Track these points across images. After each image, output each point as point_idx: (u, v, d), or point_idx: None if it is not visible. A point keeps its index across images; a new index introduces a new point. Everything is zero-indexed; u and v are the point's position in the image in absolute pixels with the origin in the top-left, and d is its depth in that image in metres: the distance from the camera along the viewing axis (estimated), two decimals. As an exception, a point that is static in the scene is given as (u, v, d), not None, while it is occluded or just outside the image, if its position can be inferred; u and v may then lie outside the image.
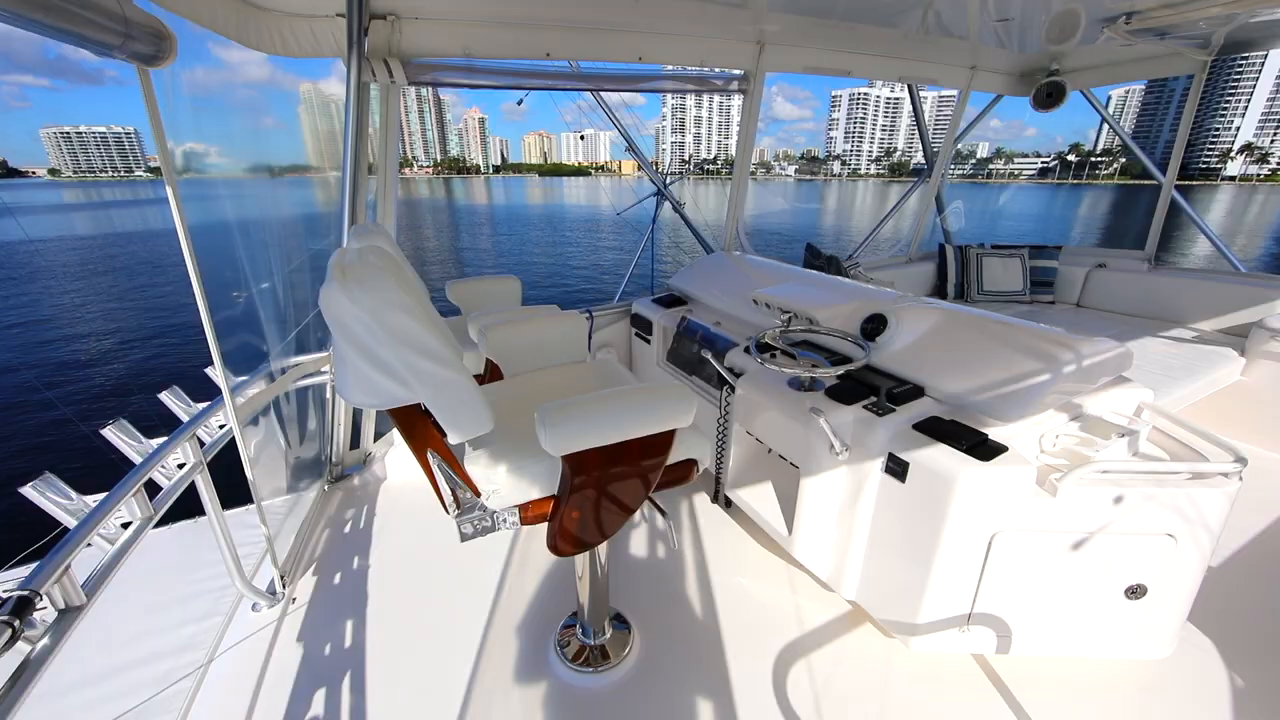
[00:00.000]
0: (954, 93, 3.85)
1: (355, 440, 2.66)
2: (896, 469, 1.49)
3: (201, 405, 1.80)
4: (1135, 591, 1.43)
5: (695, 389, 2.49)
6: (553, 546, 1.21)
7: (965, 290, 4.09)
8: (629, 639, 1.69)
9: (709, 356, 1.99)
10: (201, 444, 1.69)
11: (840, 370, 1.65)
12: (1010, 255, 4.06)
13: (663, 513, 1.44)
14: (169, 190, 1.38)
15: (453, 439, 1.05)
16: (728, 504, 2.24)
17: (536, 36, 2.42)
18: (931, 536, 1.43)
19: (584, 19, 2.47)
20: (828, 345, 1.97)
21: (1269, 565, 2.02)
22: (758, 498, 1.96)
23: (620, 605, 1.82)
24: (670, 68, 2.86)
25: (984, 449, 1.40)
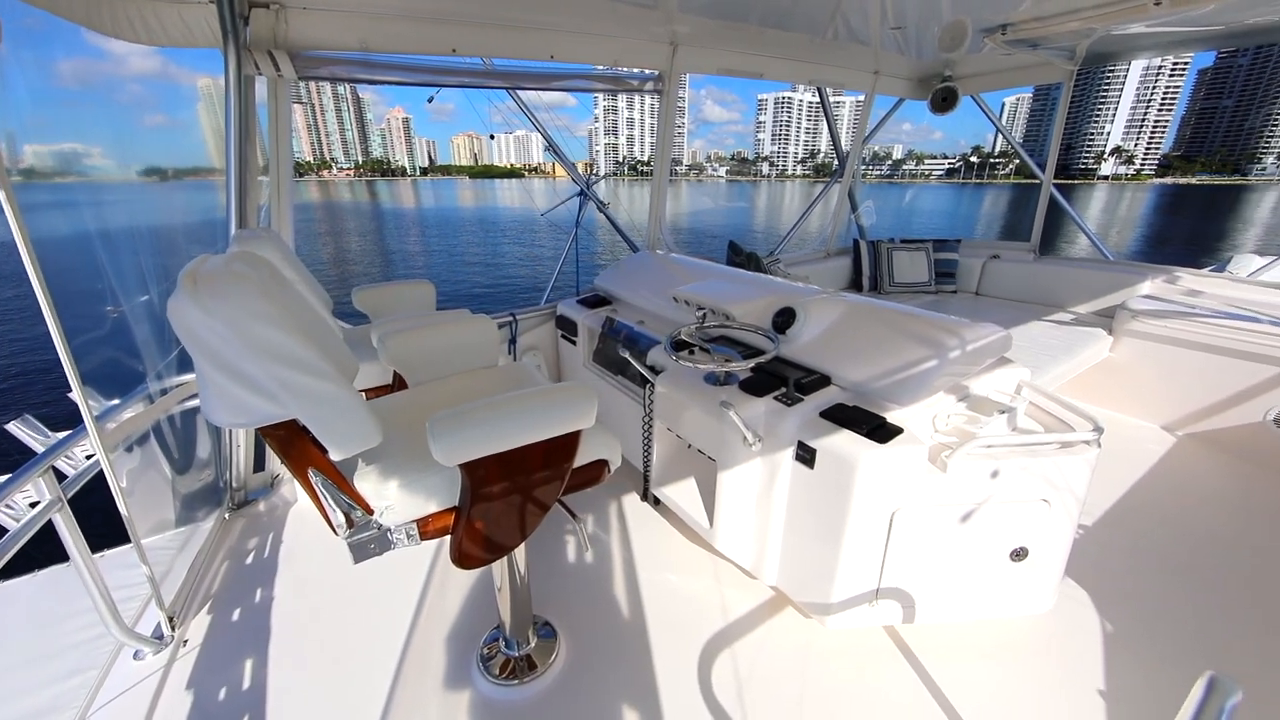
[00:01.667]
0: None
1: (260, 462, 2.47)
2: (806, 456, 1.54)
3: (61, 435, 1.60)
4: (1019, 554, 1.55)
5: (621, 389, 2.48)
6: (456, 560, 1.16)
7: (878, 282, 4.33)
8: (555, 645, 1.66)
9: (627, 355, 1.99)
10: (63, 478, 1.50)
11: (751, 363, 1.69)
12: (916, 249, 4.34)
13: (574, 516, 1.42)
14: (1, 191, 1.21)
15: (336, 455, 0.98)
16: (656, 501, 2.25)
17: (441, 32, 2.33)
18: (839, 518, 1.49)
19: (492, 16, 2.41)
20: (743, 340, 2.02)
21: (1132, 518, 2.26)
22: (681, 493, 1.99)
23: (546, 612, 1.78)
24: (594, 67, 2.85)
25: (882, 432, 1.47)
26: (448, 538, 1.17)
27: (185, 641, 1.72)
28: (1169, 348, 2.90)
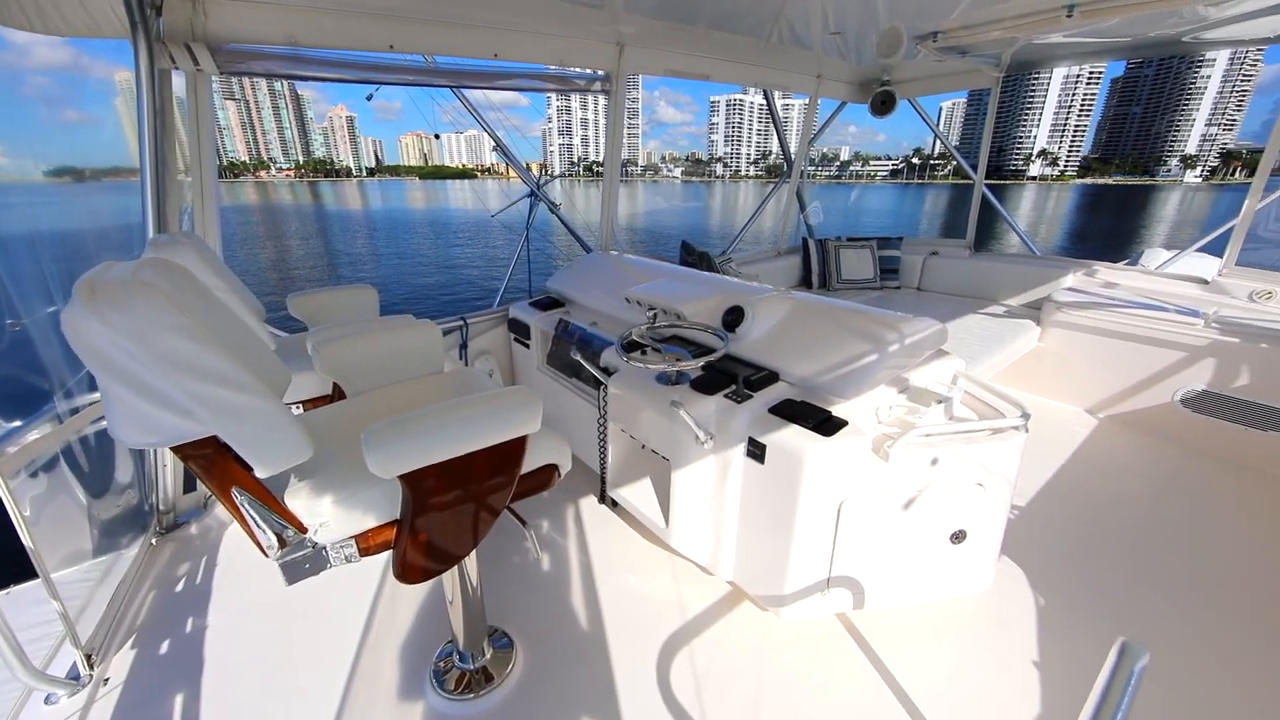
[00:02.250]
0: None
1: (192, 482, 2.31)
2: (756, 452, 1.57)
3: None
4: (958, 537, 1.63)
5: (576, 391, 2.46)
6: (400, 574, 1.12)
7: (827, 280, 4.46)
8: (512, 655, 1.63)
9: (579, 357, 1.97)
10: None
11: (701, 362, 1.70)
12: (862, 247, 4.49)
13: (523, 523, 1.39)
14: None
15: (262, 472, 0.92)
16: (613, 504, 2.24)
17: (376, 27, 2.24)
18: (790, 510, 1.52)
19: (432, 12, 2.34)
20: (694, 339, 2.03)
21: (1059, 496, 2.41)
22: (637, 494, 1.98)
23: (502, 621, 1.74)
24: (542, 67, 2.81)
25: (828, 425, 1.51)
26: (390, 553, 1.12)
27: (106, 680, 1.59)
28: (1090, 336, 3.11)
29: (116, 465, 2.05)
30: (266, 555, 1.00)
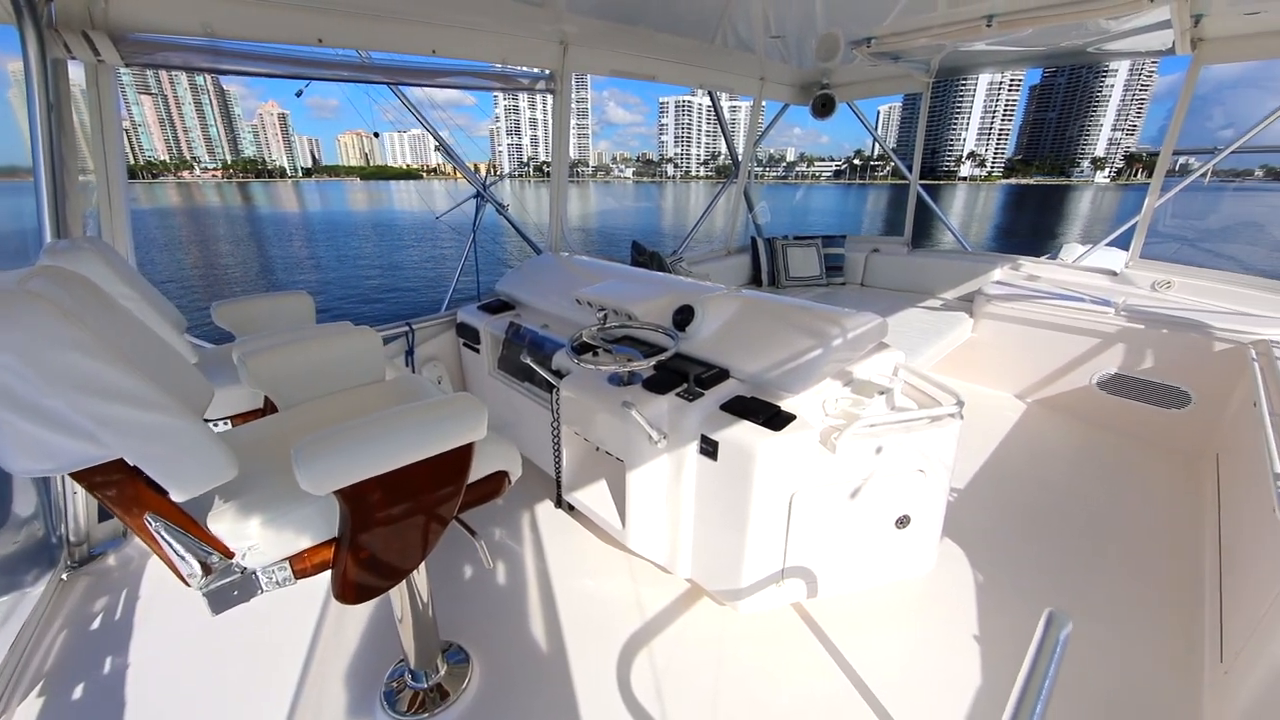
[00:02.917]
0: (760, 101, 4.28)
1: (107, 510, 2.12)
2: (709, 449, 1.58)
3: None
4: (902, 522, 1.70)
5: (529, 395, 2.42)
6: (339, 594, 1.06)
7: (776, 277, 4.57)
8: (468, 670, 1.58)
9: (530, 361, 1.93)
10: None
11: (653, 361, 1.71)
12: (808, 245, 4.63)
13: (472, 533, 1.35)
14: None
15: (178, 496, 0.85)
16: (570, 508, 2.21)
17: (303, 19, 2.13)
18: (743, 505, 1.54)
19: (363, 5, 2.24)
20: (645, 339, 2.03)
21: (993, 478, 2.56)
22: (593, 497, 1.97)
23: (457, 636, 1.69)
24: (487, 65, 2.74)
25: (778, 420, 1.54)
26: (329, 573, 1.06)
27: None
28: (1017, 326, 3.32)
29: (15, 496, 1.86)
30: (188, 584, 0.92)
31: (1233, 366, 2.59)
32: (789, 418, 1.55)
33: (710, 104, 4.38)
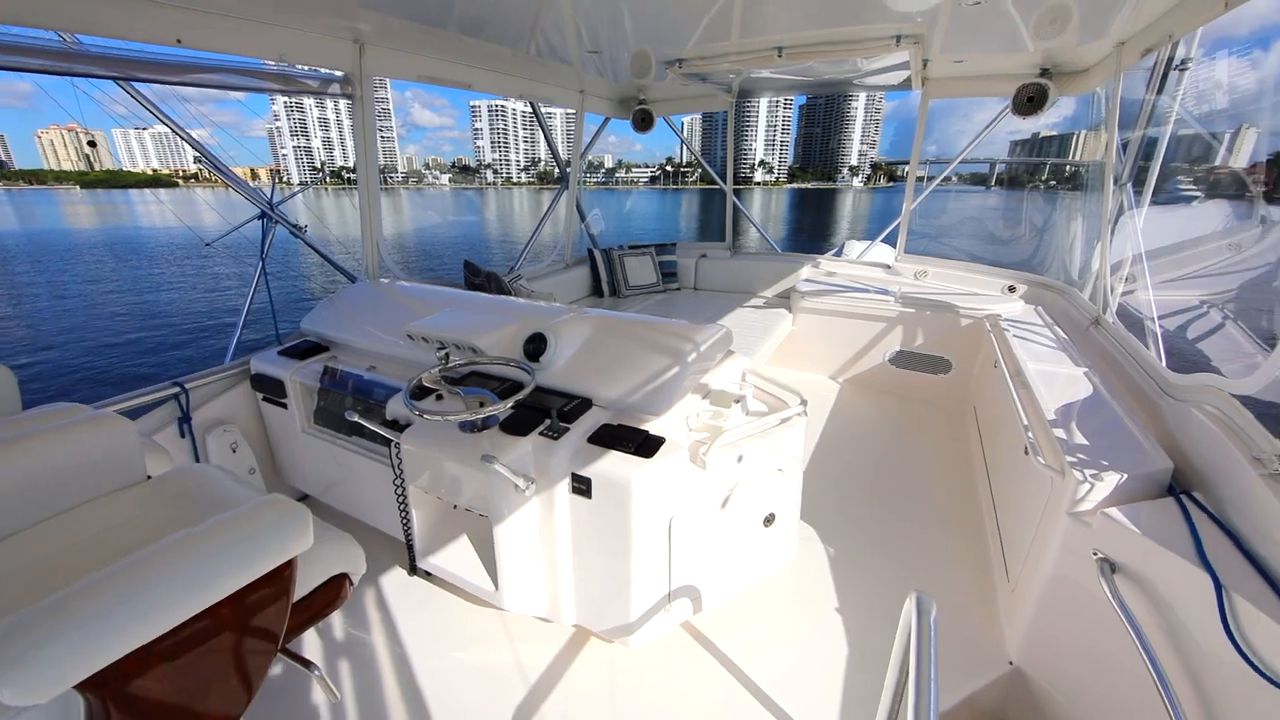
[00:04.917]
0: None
1: None
2: (582, 487, 1.49)
3: None
4: (769, 520, 1.80)
5: (359, 451, 2.07)
6: None
7: (616, 288, 4.63)
8: None
9: (356, 417, 1.61)
10: None
11: (510, 402, 1.55)
12: (643, 254, 4.78)
13: (306, 665, 1.08)
14: None
15: None
16: (427, 575, 1.94)
17: None
18: (624, 538, 1.48)
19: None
20: (496, 374, 1.86)
21: (826, 457, 2.89)
22: (454, 559, 1.74)
23: None
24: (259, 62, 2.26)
25: (647, 445, 1.51)
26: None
27: None
28: (824, 317, 3.82)
29: None
30: None
31: (976, 337, 3.28)
32: (658, 441, 1.53)
33: (526, 109, 4.27)
